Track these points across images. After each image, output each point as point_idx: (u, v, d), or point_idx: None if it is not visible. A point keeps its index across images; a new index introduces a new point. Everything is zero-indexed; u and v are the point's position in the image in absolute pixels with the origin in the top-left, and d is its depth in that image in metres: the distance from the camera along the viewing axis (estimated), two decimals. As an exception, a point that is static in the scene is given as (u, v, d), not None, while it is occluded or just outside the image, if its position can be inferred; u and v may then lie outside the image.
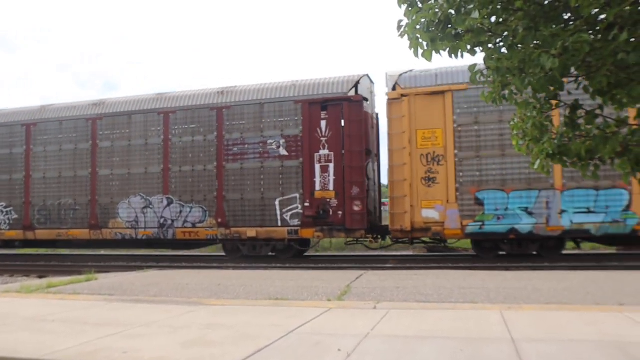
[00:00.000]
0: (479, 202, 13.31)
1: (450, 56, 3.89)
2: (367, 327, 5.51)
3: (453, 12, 3.77)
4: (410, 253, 17.47)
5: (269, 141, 14.85)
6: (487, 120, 13.29)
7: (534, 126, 4.13)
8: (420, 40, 3.83)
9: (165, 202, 15.66)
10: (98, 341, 5.09)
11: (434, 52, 3.86)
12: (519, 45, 3.64)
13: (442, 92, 13.60)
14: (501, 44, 3.82)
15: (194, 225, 15.39)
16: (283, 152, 14.68)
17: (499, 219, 13.16)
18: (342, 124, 14.38)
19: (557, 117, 7.83)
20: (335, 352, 4.56)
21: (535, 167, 4.24)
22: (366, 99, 14.89)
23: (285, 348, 4.77)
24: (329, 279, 9.55)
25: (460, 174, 13.45)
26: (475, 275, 9.65)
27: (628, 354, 4.39)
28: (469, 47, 3.82)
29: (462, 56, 3.90)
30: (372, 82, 15.51)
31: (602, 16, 3.51)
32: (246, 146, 15.06)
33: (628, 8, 3.25)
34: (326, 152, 14.40)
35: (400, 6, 3.98)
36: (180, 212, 15.50)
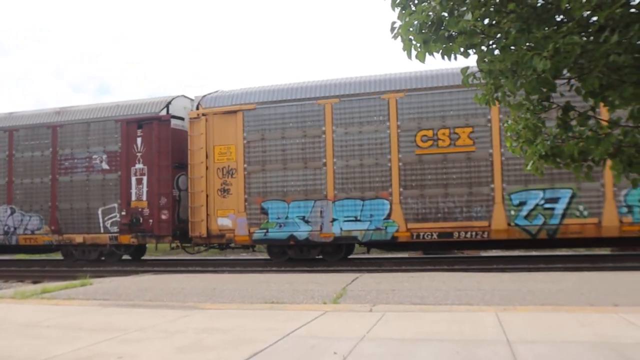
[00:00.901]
0: (264, 212, 14.55)
1: (443, 58, 3.91)
2: (363, 330, 5.51)
3: (446, 14, 3.79)
4: (406, 255, 17.49)
5: (94, 156, 16.35)
6: (272, 137, 14.65)
7: (527, 128, 4.15)
8: (414, 42, 3.85)
9: (9, 212, 17.16)
10: (93, 346, 5.07)
11: (427, 53, 3.87)
12: (512, 47, 3.66)
13: (235, 112, 14.96)
14: (494, 46, 3.83)
15: (32, 232, 16.84)
16: (105, 166, 16.22)
17: (280, 226, 14.39)
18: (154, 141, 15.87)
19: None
20: (331, 355, 4.55)
21: (529, 168, 4.25)
22: (181, 118, 16.25)
23: (282, 352, 4.77)
24: (325, 281, 9.55)
25: (249, 186, 14.74)
26: (470, 277, 9.66)
27: (623, 354, 4.40)
28: (461, 49, 3.84)
29: (455, 58, 3.91)
30: (191, 100, 16.54)
31: (594, 18, 3.53)
32: (75, 161, 16.55)
33: (619, 10, 3.27)
34: (141, 166, 15.87)
35: (393, 9, 3.99)
36: (22, 220, 17.02)
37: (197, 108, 15.45)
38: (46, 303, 8.15)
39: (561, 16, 3.76)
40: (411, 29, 3.80)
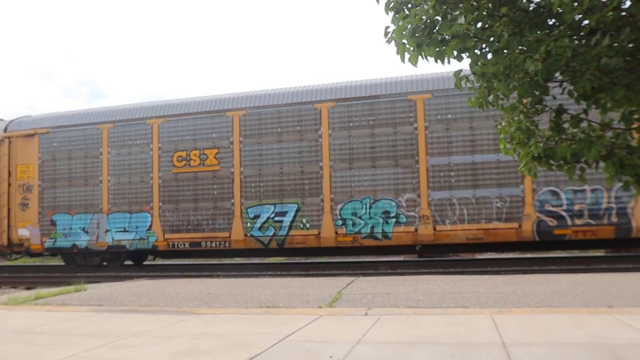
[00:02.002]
0: (54, 223, 16.50)
1: (437, 61, 3.93)
2: (358, 334, 5.51)
3: (439, 17, 3.81)
4: (402, 259, 17.51)
5: None
6: (61, 157, 16.62)
7: (521, 130, 4.18)
8: (407, 46, 3.87)
9: None
10: (87, 352, 5.04)
11: (420, 57, 3.89)
12: (504, 51, 3.68)
13: (32, 135, 16.95)
14: (486, 49, 3.86)
15: None
16: None
17: (66, 236, 16.33)
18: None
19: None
20: (327, 359, 4.55)
21: (522, 169, 4.27)
22: None
23: (277, 356, 4.76)
24: (320, 285, 9.54)
25: (42, 200, 16.68)
26: (465, 280, 9.68)
27: (617, 356, 4.42)
28: (455, 52, 3.86)
29: (448, 62, 3.94)
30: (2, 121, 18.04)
31: (585, 22, 3.56)
32: None
33: (610, 14, 3.30)
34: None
35: (387, 13, 4.01)
36: None
37: (5, 131, 17.42)
38: (40, 309, 8.10)
39: (553, 20, 3.79)
40: (404, 33, 3.82)
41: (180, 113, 15.60)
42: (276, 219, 14.43)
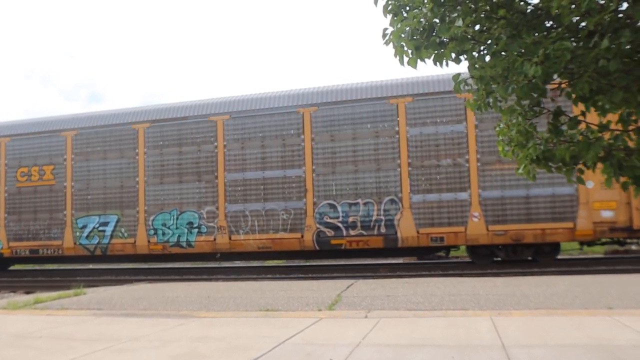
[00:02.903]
0: None
1: (435, 64, 3.93)
2: (358, 337, 5.50)
3: (437, 20, 3.82)
4: (401, 261, 17.50)
5: None
6: None
7: (519, 132, 4.18)
8: (405, 49, 3.87)
9: None
10: (87, 357, 5.03)
11: (418, 60, 3.90)
12: (502, 53, 3.68)
13: None
14: (485, 52, 3.86)
15: None
16: None
17: None
18: None
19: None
20: (327, 362, 4.55)
21: (520, 171, 4.28)
22: None
23: (277, 359, 4.75)
24: (320, 288, 9.53)
25: None
26: (465, 282, 9.68)
27: (617, 357, 4.42)
28: (453, 55, 3.87)
29: (446, 64, 3.94)
30: None
31: (583, 24, 3.57)
32: None
33: (608, 16, 3.31)
34: None
35: (385, 15, 4.02)
36: None
37: None
38: (39, 313, 8.09)
39: (551, 22, 3.79)
40: (403, 35, 3.82)
41: (23, 133, 17.01)
42: (100, 228, 15.89)
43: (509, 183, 13.04)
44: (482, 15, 3.80)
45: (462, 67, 4.15)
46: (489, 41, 3.79)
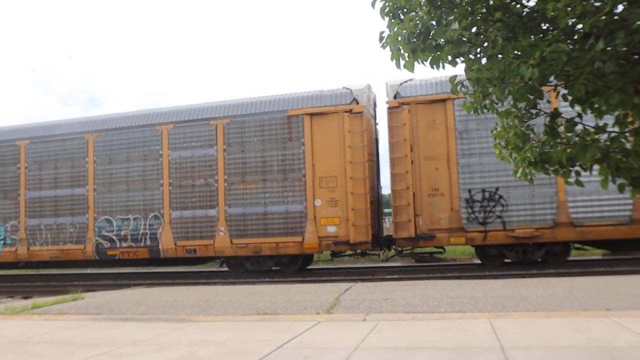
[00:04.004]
0: None
1: (432, 67, 3.94)
2: (356, 340, 5.50)
3: (434, 23, 3.83)
4: (399, 264, 17.48)
5: None
6: None
7: (516, 135, 4.19)
8: (402, 52, 3.88)
9: None
10: (84, 361, 5.01)
11: (415, 62, 3.91)
12: (499, 56, 3.69)
13: None
14: (481, 54, 3.87)
15: None
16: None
17: None
18: None
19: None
20: (325, 366, 4.54)
21: (518, 175, 4.28)
22: None
23: (275, 363, 4.74)
24: (318, 292, 9.52)
25: None
26: (463, 285, 9.68)
27: (616, 358, 4.42)
28: (449, 57, 3.87)
29: (443, 67, 3.95)
30: None
31: (579, 26, 3.58)
32: None
33: (603, 18, 3.32)
34: None
35: (383, 17, 4.03)
36: None
37: None
38: (37, 318, 8.07)
39: (547, 24, 3.81)
40: (399, 38, 3.83)
41: None
42: None
43: (250, 201, 14.53)
44: (479, 18, 3.81)
45: (459, 70, 4.16)
46: (485, 44, 3.80)
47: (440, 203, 13.32)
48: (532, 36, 3.69)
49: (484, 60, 3.85)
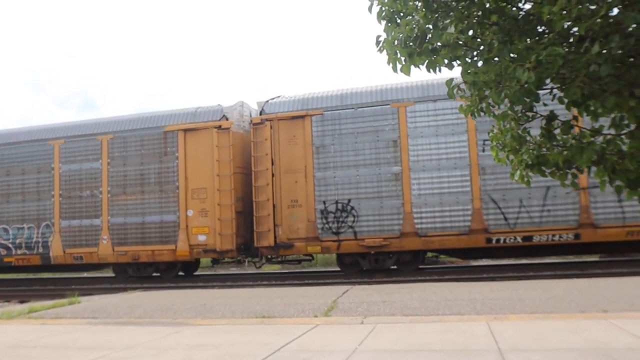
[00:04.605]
0: None
1: (429, 70, 3.96)
2: (354, 343, 5.49)
3: (430, 27, 3.84)
4: (396, 267, 17.46)
5: None
6: None
7: (513, 137, 4.20)
8: (399, 56, 3.89)
9: None
10: (81, 366, 5.00)
11: (412, 66, 3.92)
12: (495, 59, 3.71)
13: None
14: (477, 57, 3.89)
15: None
16: None
17: None
18: None
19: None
20: (323, 369, 4.54)
21: (516, 177, 4.29)
22: None
23: (273, 366, 4.74)
24: (315, 294, 9.52)
25: None
26: (461, 287, 9.69)
27: (613, 360, 4.43)
28: (446, 61, 3.89)
29: (439, 70, 3.96)
30: None
31: (574, 29, 3.60)
32: None
33: (598, 21, 3.34)
34: None
35: (379, 22, 4.05)
36: None
37: None
38: (33, 323, 8.04)
39: (542, 28, 3.83)
40: (396, 43, 3.85)
41: None
42: None
43: (130, 211, 15.36)
44: (475, 22, 3.84)
45: (455, 73, 4.18)
46: (482, 47, 3.82)
47: (299, 214, 14.04)
48: (528, 39, 3.71)
49: (480, 64, 3.87)
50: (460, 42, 3.79)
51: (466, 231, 13.07)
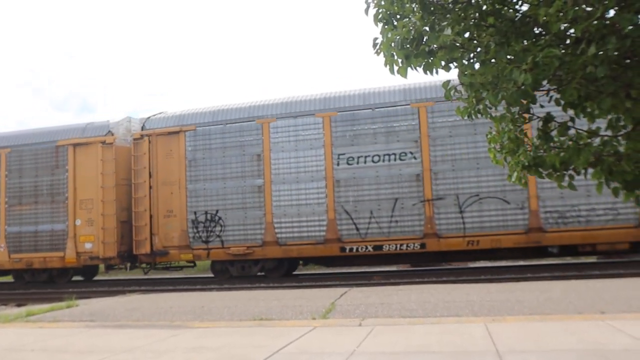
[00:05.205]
0: None
1: (425, 73, 3.96)
2: (352, 345, 5.49)
3: (427, 29, 3.85)
4: (395, 269, 17.49)
5: None
6: None
7: (510, 139, 4.21)
8: (396, 58, 3.90)
9: None
10: (79, 369, 4.98)
11: (409, 68, 3.93)
12: (492, 61, 3.72)
13: None
14: (474, 59, 3.90)
15: None
16: None
17: None
18: None
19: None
20: (321, 371, 4.53)
21: (513, 179, 4.30)
22: None
23: (271, 369, 4.73)
24: (313, 297, 9.51)
25: None
26: (459, 289, 9.69)
27: (611, 361, 4.43)
28: (443, 63, 3.90)
29: (436, 72, 3.97)
30: None
31: (571, 31, 3.61)
32: None
33: (595, 23, 3.35)
34: None
35: (376, 24, 4.06)
36: None
37: None
38: (31, 326, 8.02)
39: (539, 29, 3.84)
40: (393, 45, 3.86)
41: None
42: None
43: (25, 221, 16.32)
44: (471, 24, 3.85)
45: (452, 75, 4.19)
46: (479, 49, 3.83)
47: (174, 223, 15.10)
48: (525, 41, 3.72)
49: (477, 66, 3.88)
50: (457, 44, 3.80)
51: (322, 240, 13.92)
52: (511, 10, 3.93)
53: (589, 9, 3.39)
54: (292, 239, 14.13)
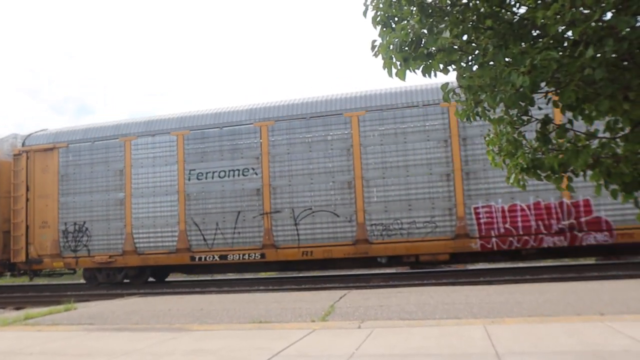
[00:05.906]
0: None
1: (424, 75, 3.97)
2: (352, 347, 5.49)
3: (425, 31, 3.86)
4: (394, 271, 17.49)
5: None
6: None
7: (508, 141, 4.22)
8: (394, 60, 3.91)
9: None
10: (78, 372, 4.97)
11: (407, 71, 3.94)
12: (490, 63, 3.73)
13: None
14: (472, 62, 3.91)
15: None
16: None
17: None
18: None
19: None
20: (321, 374, 4.53)
21: (511, 181, 4.31)
22: None
23: (270, 371, 4.72)
24: (313, 299, 9.50)
25: None
26: (458, 291, 9.69)
27: (610, 363, 4.44)
28: (441, 66, 3.91)
29: (435, 75, 3.98)
30: None
31: (568, 33, 3.63)
32: None
33: (592, 25, 3.37)
34: None
35: (375, 26, 4.07)
36: None
37: None
38: (29, 329, 8.00)
39: (537, 32, 3.85)
40: (391, 47, 3.87)
41: None
42: None
43: None
44: (470, 26, 3.86)
45: (451, 77, 4.20)
46: (477, 51, 3.85)
47: (47, 234, 16.28)
48: (523, 44, 3.74)
49: (475, 68, 3.89)
50: (456, 47, 3.81)
51: (174, 250, 15.11)
52: (509, 13, 3.95)
53: (586, 11, 3.41)
54: (148, 249, 15.36)
